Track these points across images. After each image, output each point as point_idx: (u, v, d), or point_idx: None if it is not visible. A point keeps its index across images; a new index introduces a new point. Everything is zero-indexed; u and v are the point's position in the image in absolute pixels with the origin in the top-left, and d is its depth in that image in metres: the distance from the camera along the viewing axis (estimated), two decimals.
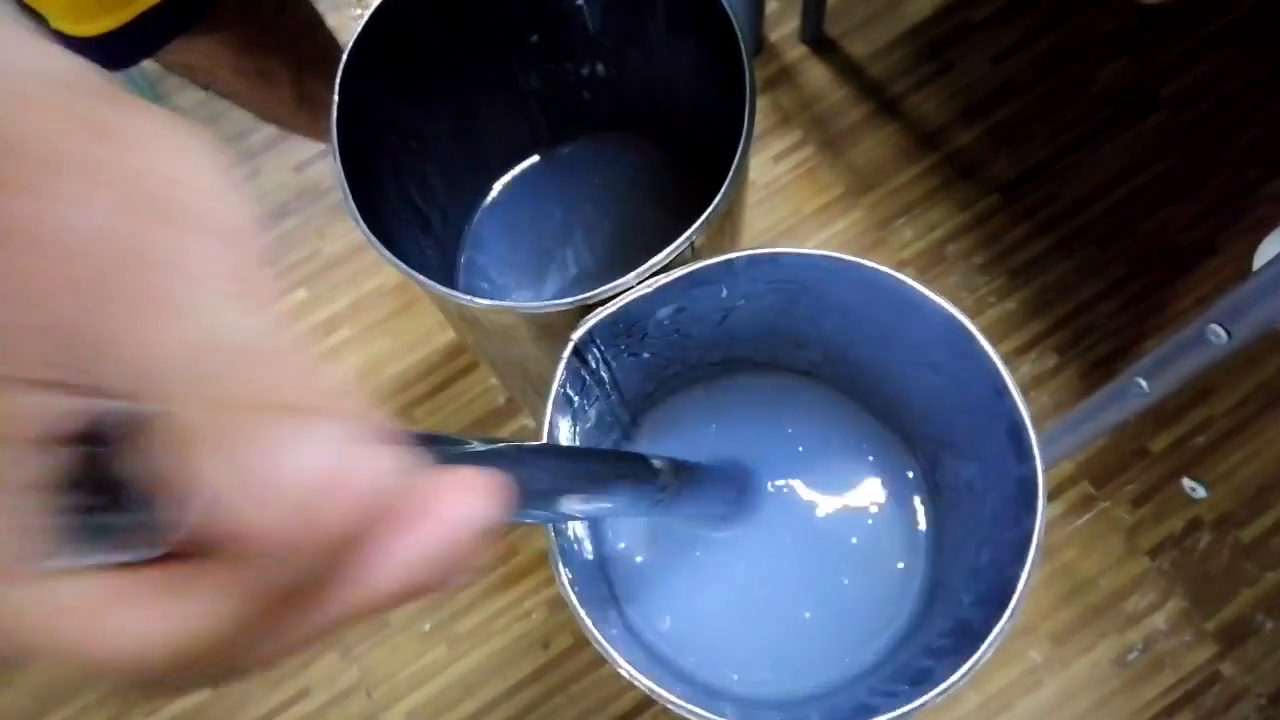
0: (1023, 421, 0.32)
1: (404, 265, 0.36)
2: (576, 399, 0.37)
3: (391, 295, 0.82)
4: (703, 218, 0.35)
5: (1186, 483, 0.71)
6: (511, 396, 0.78)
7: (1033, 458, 0.32)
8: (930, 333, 0.35)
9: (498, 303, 0.37)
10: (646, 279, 0.35)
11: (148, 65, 0.48)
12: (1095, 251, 0.78)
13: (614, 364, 0.39)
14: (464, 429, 0.77)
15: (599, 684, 0.71)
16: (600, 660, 0.75)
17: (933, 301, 0.33)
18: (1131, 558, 0.70)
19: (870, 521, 0.45)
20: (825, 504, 0.46)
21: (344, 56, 0.39)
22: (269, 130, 0.89)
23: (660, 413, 0.47)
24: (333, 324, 0.82)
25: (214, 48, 0.52)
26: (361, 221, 0.37)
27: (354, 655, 0.73)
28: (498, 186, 0.56)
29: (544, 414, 0.33)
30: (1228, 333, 0.43)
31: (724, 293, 0.38)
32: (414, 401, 0.79)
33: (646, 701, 0.70)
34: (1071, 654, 0.68)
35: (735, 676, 0.43)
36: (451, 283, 0.54)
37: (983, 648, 0.29)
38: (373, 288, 0.83)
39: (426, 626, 0.73)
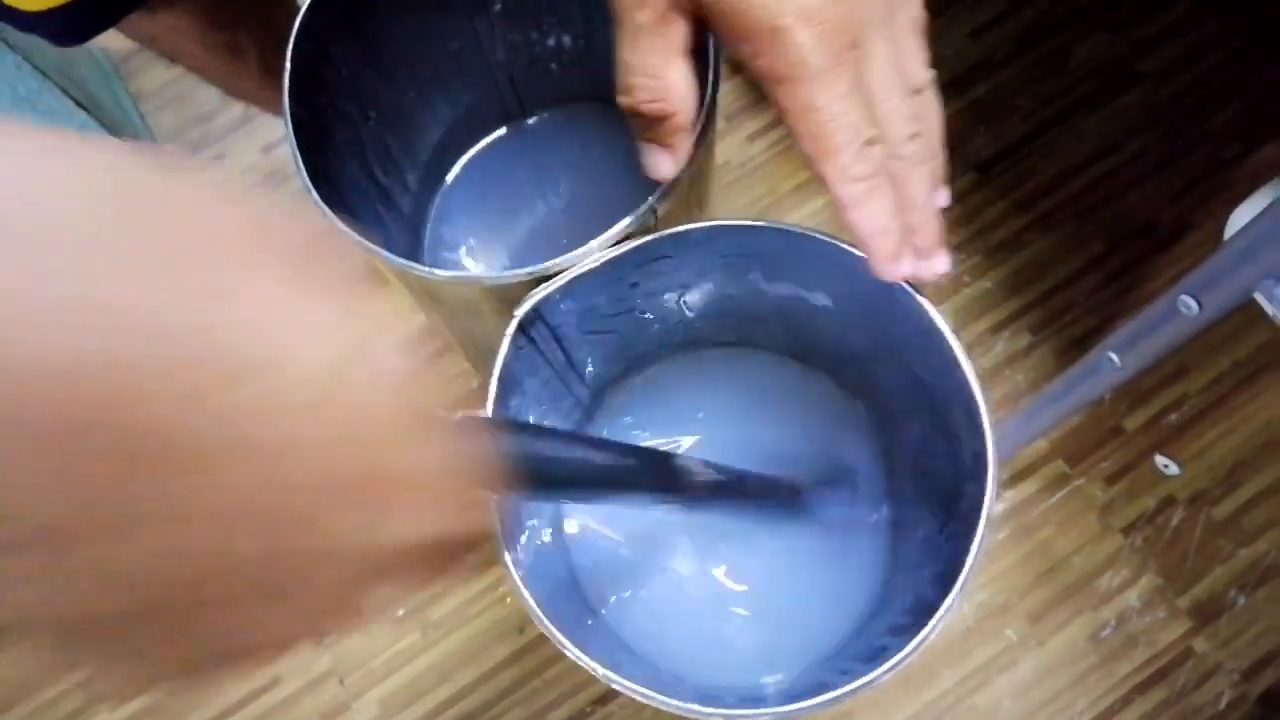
0: (973, 394, 0.31)
1: (355, 234, 0.35)
2: (527, 379, 0.36)
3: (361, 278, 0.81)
4: (663, 187, 0.34)
5: (1159, 460, 0.71)
6: (484, 381, 0.77)
7: (983, 432, 0.31)
8: (885, 306, 0.34)
9: (455, 274, 0.36)
10: (602, 250, 0.34)
11: (112, 45, 0.47)
12: (1072, 229, 0.78)
13: (567, 342, 0.38)
14: None
15: (574, 668, 0.70)
16: None
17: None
18: (1105, 535, 0.70)
19: (833, 502, 0.44)
20: (783, 487, 0.45)
21: (297, 20, 0.38)
22: (236, 110, 0.87)
23: (623, 393, 0.46)
24: None
25: (177, 20, 0.50)
26: (314, 190, 0.36)
27: (326, 643, 0.72)
28: (464, 159, 0.54)
29: (489, 392, 0.32)
30: (1199, 304, 0.42)
31: (680, 267, 0.37)
32: None
33: None
34: (1047, 632, 0.68)
35: (695, 664, 0.43)
36: (417, 258, 0.53)
37: (933, 620, 0.29)
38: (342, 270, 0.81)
39: (399, 613, 0.72)
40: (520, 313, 0.33)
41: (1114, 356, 0.50)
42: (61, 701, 0.72)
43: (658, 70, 0.28)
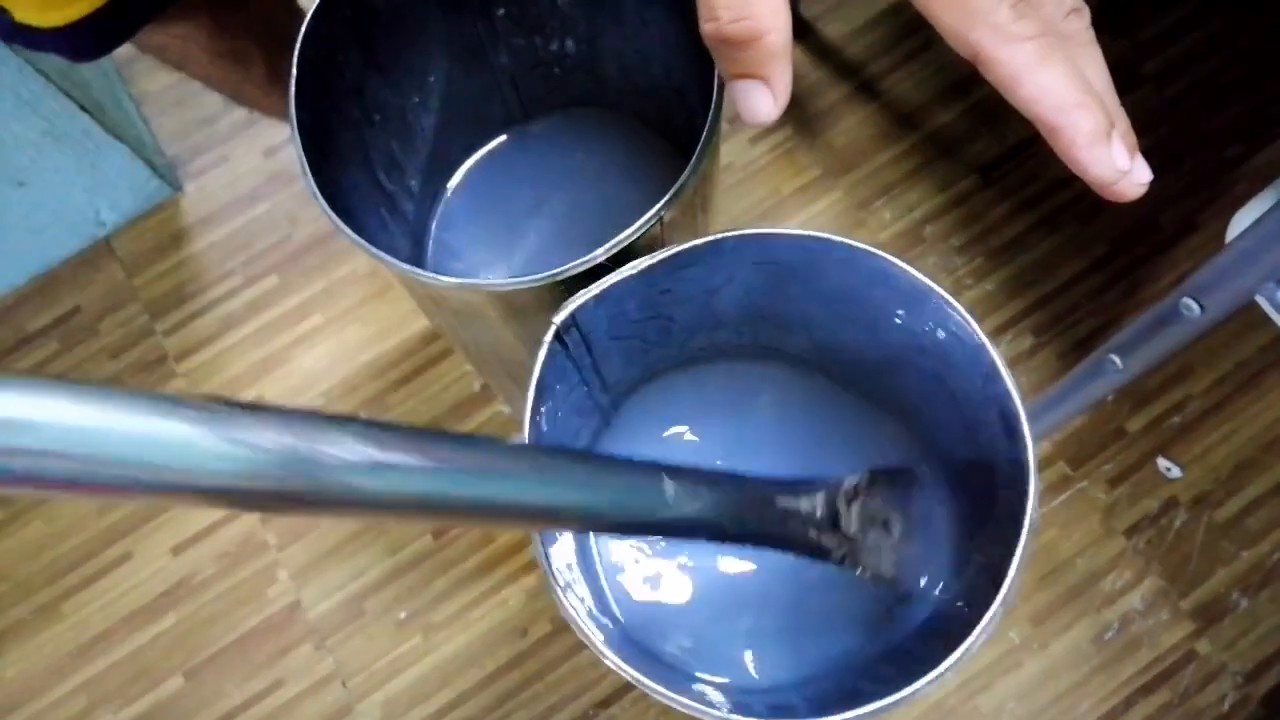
0: (1014, 404, 0.31)
1: (360, 240, 0.35)
2: (557, 385, 0.36)
3: (364, 281, 0.81)
4: (672, 191, 0.35)
5: (1162, 463, 0.71)
6: (486, 383, 0.77)
7: (1023, 440, 0.31)
8: (917, 315, 0.34)
9: (461, 280, 0.36)
10: (617, 254, 0.34)
11: (116, 49, 0.47)
12: (1075, 231, 0.78)
13: (595, 348, 0.38)
14: (437, 417, 0.77)
15: (577, 670, 0.70)
16: (578, 647, 0.74)
17: (921, 282, 0.32)
18: (1108, 538, 0.70)
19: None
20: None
21: (304, 25, 0.38)
22: (239, 114, 0.87)
23: (642, 399, 0.46)
24: (304, 310, 0.80)
25: (187, 29, 0.50)
26: (319, 195, 0.36)
27: (328, 646, 0.72)
28: (468, 164, 0.54)
29: (526, 401, 0.32)
30: (1200, 306, 0.42)
31: (710, 273, 0.37)
32: (387, 388, 0.78)
33: (625, 688, 0.69)
34: (1050, 634, 0.68)
35: (718, 664, 0.43)
36: (420, 264, 0.53)
37: (975, 633, 0.28)
38: (345, 273, 0.81)
39: (402, 615, 0.72)
40: (559, 319, 0.33)
41: (1116, 358, 0.50)
42: (63, 705, 0.72)
43: None
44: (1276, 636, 0.68)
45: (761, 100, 0.25)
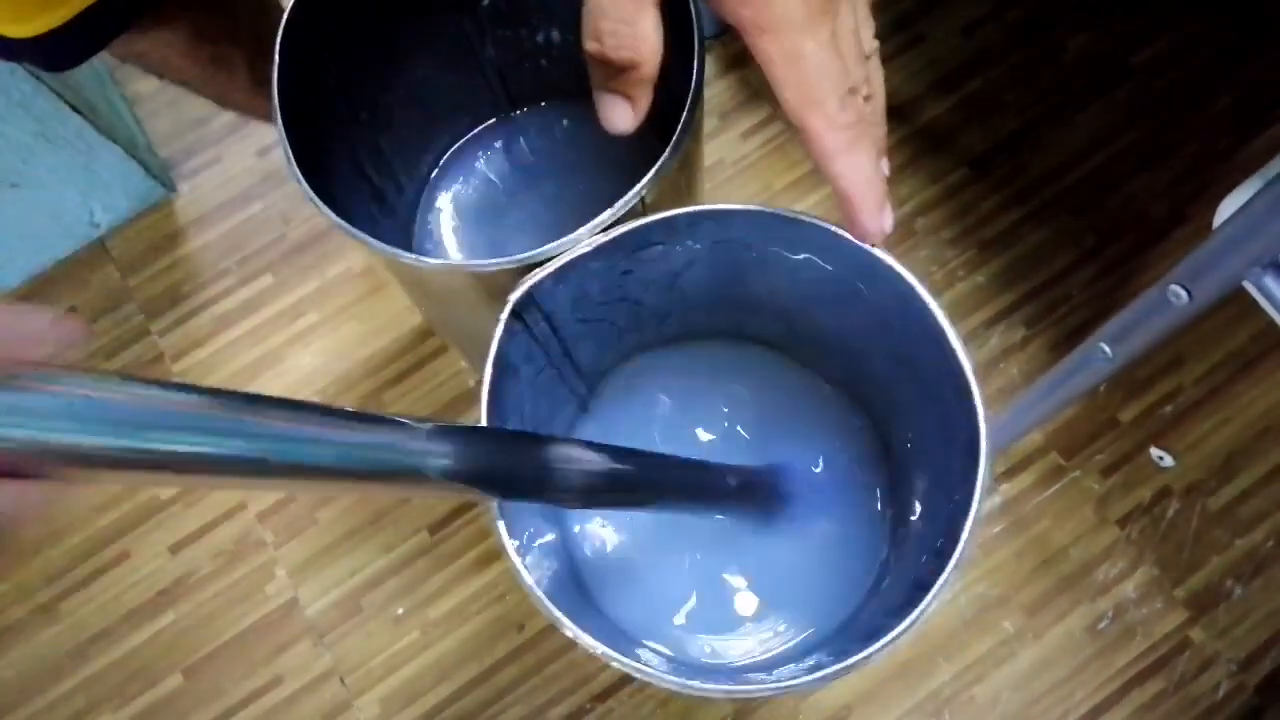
0: (967, 379, 0.31)
1: (348, 227, 0.35)
2: (522, 366, 0.36)
3: (359, 279, 0.81)
4: (652, 171, 0.35)
5: (1155, 452, 0.72)
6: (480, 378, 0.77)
7: (976, 416, 0.31)
8: (876, 290, 0.34)
9: (443, 262, 0.36)
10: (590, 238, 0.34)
11: (102, 53, 0.47)
12: (1066, 223, 0.78)
13: (562, 330, 0.38)
14: (434, 412, 0.77)
15: (574, 665, 0.70)
16: (575, 641, 0.74)
17: (875, 256, 0.33)
18: (1102, 527, 0.70)
19: (827, 494, 0.44)
20: (781, 479, 0.45)
21: (284, 19, 0.38)
22: (231, 115, 0.87)
23: (617, 383, 0.47)
24: (299, 309, 0.81)
25: (166, 36, 0.50)
26: (304, 182, 0.36)
27: (326, 642, 0.72)
28: (454, 154, 0.55)
29: (484, 377, 0.33)
30: (1188, 293, 0.43)
31: (670, 254, 0.37)
32: (383, 385, 0.78)
33: (621, 681, 0.69)
34: (1044, 624, 0.68)
35: (694, 649, 0.43)
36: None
37: (928, 597, 0.29)
38: (339, 271, 0.81)
39: (399, 611, 0.72)
40: (514, 296, 0.33)
41: (1106, 347, 0.51)
42: (62, 704, 0.72)
43: (630, 16, 0.27)
44: (1270, 624, 0.68)
45: (624, 115, 0.30)
